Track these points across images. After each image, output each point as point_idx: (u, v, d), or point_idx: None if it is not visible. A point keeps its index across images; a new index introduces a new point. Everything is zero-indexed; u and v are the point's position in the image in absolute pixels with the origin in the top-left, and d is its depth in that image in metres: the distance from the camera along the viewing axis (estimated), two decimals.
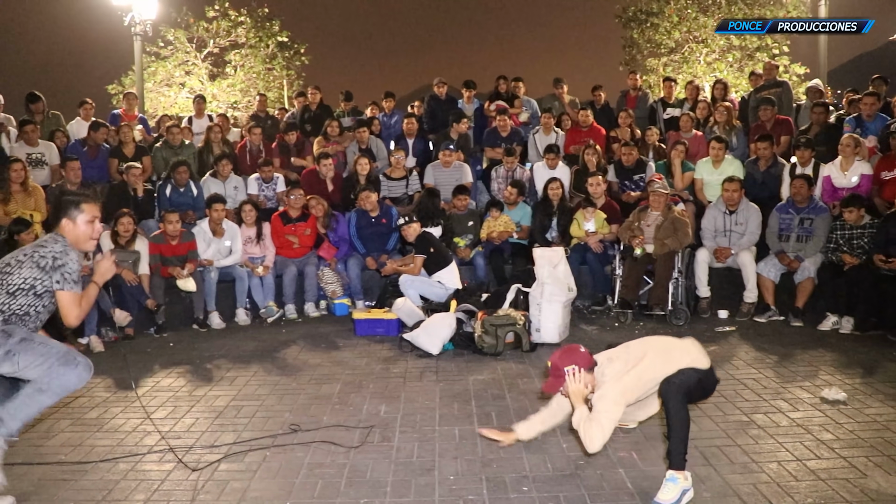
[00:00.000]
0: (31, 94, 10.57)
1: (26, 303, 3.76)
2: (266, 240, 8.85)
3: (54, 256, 3.73)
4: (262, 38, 22.70)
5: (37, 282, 3.74)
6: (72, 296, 3.74)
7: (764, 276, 7.76)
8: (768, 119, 9.88)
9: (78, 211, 3.86)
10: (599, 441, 3.75)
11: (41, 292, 3.76)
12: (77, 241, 3.89)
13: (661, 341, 4.21)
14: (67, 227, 3.87)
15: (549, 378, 4.05)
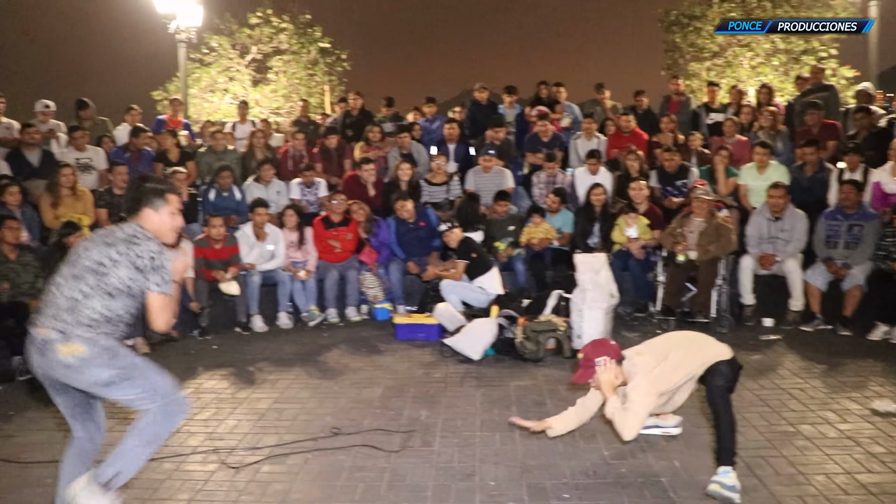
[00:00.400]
0: (80, 101, 10.79)
1: (123, 305, 3.42)
2: (308, 244, 8.92)
3: (152, 256, 3.40)
4: (304, 44, 22.91)
5: (133, 283, 3.39)
6: (165, 299, 3.44)
7: (811, 283, 7.61)
8: (815, 123, 9.70)
9: (163, 201, 3.56)
10: (635, 429, 3.88)
11: (136, 293, 3.43)
12: (159, 232, 3.57)
13: (682, 336, 4.43)
14: (151, 217, 3.54)
15: (580, 369, 4.18)
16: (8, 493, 4.18)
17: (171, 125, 11.40)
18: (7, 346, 6.75)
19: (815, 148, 8.75)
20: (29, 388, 6.13)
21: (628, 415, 3.86)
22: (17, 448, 4.88)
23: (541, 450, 4.54)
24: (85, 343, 3.30)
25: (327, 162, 10.84)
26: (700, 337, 4.32)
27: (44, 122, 10.29)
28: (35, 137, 9.44)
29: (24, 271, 7.23)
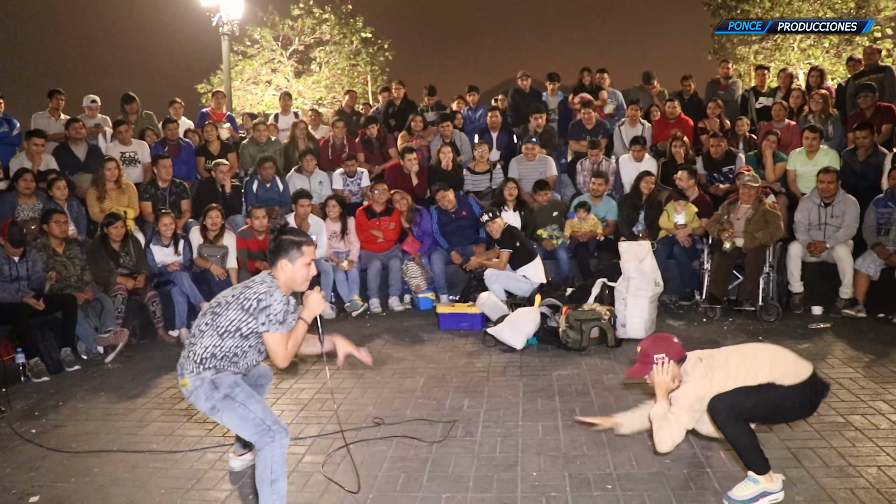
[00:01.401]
0: (126, 95, 10.96)
1: (234, 344, 3.62)
2: (351, 234, 8.95)
3: (259, 298, 3.57)
4: (347, 34, 23.01)
5: (242, 323, 3.58)
6: (277, 337, 3.56)
7: (862, 271, 7.42)
8: (868, 107, 9.43)
9: (299, 253, 3.72)
10: (668, 444, 3.70)
11: (247, 334, 3.61)
12: (293, 282, 3.75)
13: (752, 348, 4.00)
14: (286, 267, 3.70)
15: (636, 364, 3.93)
16: (56, 481, 4.25)
17: (214, 118, 11.52)
18: (55, 337, 6.88)
19: (868, 131, 8.51)
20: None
21: (665, 426, 3.68)
22: (65, 438, 4.97)
23: (584, 440, 4.49)
24: (190, 377, 3.61)
25: (369, 152, 10.86)
26: (776, 353, 3.83)
27: (91, 116, 10.46)
28: (81, 132, 9.60)
29: (71, 264, 7.37)
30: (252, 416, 3.50)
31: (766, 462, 3.59)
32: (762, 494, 3.55)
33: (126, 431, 5.02)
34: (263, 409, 3.54)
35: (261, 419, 3.49)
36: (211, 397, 3.55)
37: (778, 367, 3.68)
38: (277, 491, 3.44)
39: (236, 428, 3.59)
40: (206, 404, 3.57)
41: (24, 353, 6.52)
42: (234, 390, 3.57)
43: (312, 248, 3.82)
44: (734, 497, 3.57)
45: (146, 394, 5.80)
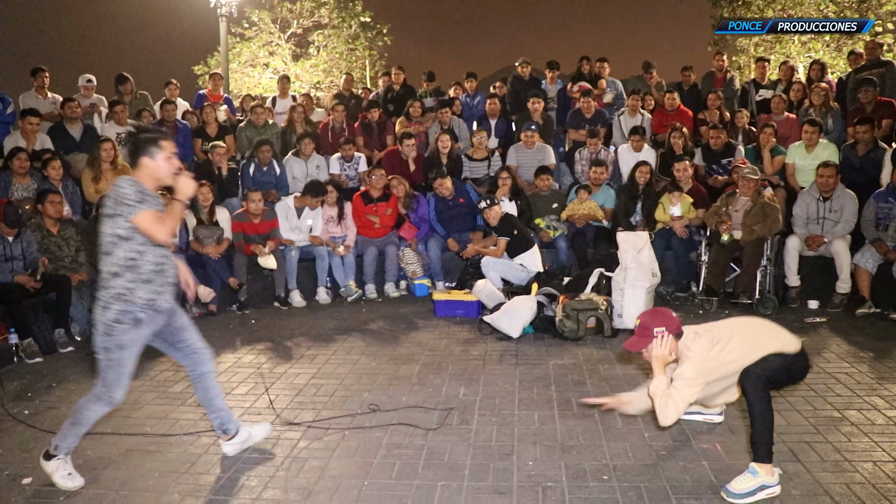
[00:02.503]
0: (120, 76, 10.86)
1: (123, 253, 3.70)
2: (347, 219, 8.92)
3: (113, 198, 3.68)
4: (345, 18, 22.89)
5: (116, 227, 3.69)
6: (144, 215, 3.63)
7: (861, 266, 7.41)
8: (869, 101, 9.40)
9: (157, 148, 3.78)
10: (672, 417, 3.71)
11: (125, 235, 3.69)
12: (158, 178, 3.81)
13: (749, 323, 4.08)
14: (148, 165, 3.79)
15: (634, 336, 3.96)
16: None
17: (211, 100, 11.44)
18: (49, 318, 6.84)
19: (868, 126, 8.49)
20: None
21: (669, 401, 3.70)
22: (59, 419, 4.91)
23: (580, 430, 4.48)
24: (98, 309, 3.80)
25: (368, 136, 10.81)
26: (769, 328, 3.95)
27: (86, 96, 10.38)
28: (76, 112, 9.53)
29: (65, 245, 7.33)
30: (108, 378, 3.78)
31: (771, 453, 3.61)
32: (760, 488, 3.55)
33: (120, 414, 4.97)
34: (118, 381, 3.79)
35: (110, 384, 3.78)
36: (102, 339, 3.74)
37: (778, 337, 3.81)
38: (74, 433, 3.90)
39: (100, 370, 3.81)
40: (98, 338, 3.76)
41: (17, 333, 6.49)
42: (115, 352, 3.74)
43: (171, 143, 3.87)
44: (733, 490, 3.56)
45: (140, 376, 5.76)
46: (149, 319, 3.79)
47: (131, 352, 3.79)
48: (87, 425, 3.92)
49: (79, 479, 3.91)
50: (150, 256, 3.78)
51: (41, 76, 10.13)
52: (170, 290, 3.92)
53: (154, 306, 3.80)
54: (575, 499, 3.62)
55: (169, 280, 3.90)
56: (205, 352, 4.16)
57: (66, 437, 3.90)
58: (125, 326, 3.72)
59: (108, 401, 3.83)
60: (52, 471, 3.89)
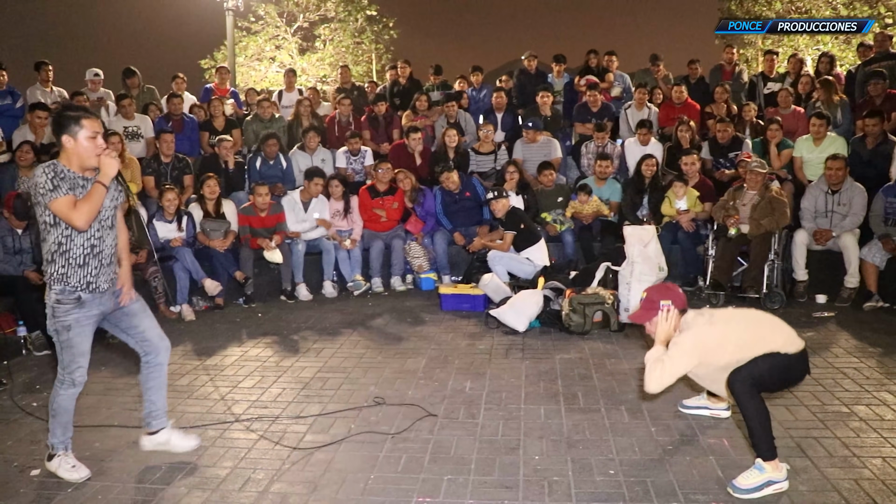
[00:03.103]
0: (127, 70, 10.89)
1: (54, 238, 3.70)
2: (354, 213, 8.92)
3: (32, 186, 3.64)
4: (351, 12, 22.86)
5: (44, 215, 3.66)
6: (60, 202, 3.57)
7: (868, 261, 7.38)
8: (878, 94, 9.34)
9: (78, 126, 3.67)
10: (657, 385, 3.73)
11: (52, 221, 3.67)
12: (80, 158, 3.70)
13: (754, 315, 4.04)
14: (68, 143, 3.68)
15: (640, 309, 3.97)
16: None
17: (218, 93, 11.45)
18: None
19: (878, 119, 8.43)
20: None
21: (659, 367, 3.70)
22: None
23: (586, 425, 4.47)
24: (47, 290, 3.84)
25: (374, 130, 10.80)
26: (773, 323, 3.92)
27: (93, 90, 10.40)
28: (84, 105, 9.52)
29: None
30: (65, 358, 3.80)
31: (774, 448, 3.58)
32: (767, 483, 3.53)
33: (127, 406, 5.00)
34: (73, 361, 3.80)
35: (66, 365, 3.80)
36: (50, 322, 3.77)
37: (781, 334, 3.79)
38: (59, 423, 3.90)
39: (56, 353, 3.84)
40: (48, 323, 3.79)
41: (25, 326, 6.51)
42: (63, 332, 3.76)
43: (95, 121, 3.77)
44: (739, 486, 3.55)
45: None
46: (91, 299, 3.81)
47: (79, 332, 3.79)
48: (65, 413, 3.90)
49: (84, 471, 3.92)
50: (80, 240, 3.75)
51: (45, 70, 10.16)
52: (107, 270, 3.89)
53: (91, 288, 3.80)
54: (581, 493, 3.62)
55: (104, 262, 3.86)
56: (159, 342, 4.13)
57: (54, 431, 3.92)
58: (68, 307, 3.74)
59: (70, 382, 3.83)
60: (56, 468, 3.92)
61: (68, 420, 3.94)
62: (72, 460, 3.94)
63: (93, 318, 3.85)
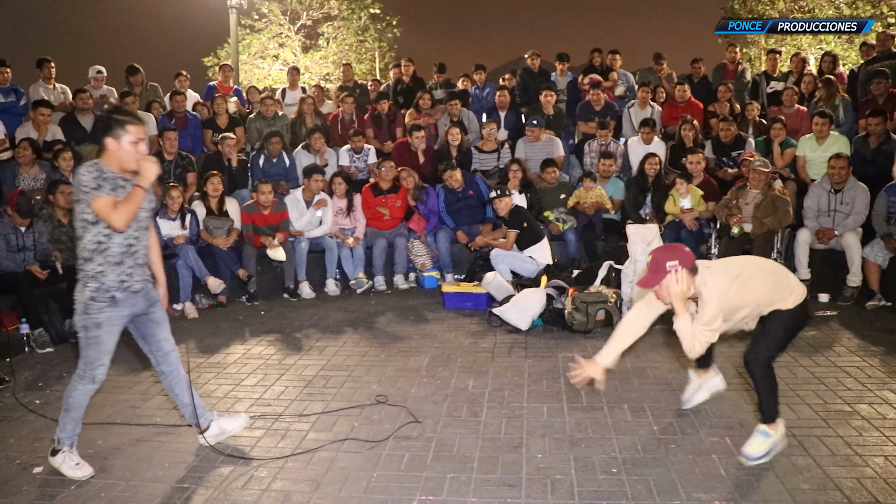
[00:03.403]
0: (131, 67, 10.89)
1: (91, 237, 3.78)
2: (357, 211, 8.92)
3: (75, 183, 3.74)
4: (355, 10, 22.83)
5: (84, 213, 3.74)
6: (101, 202, 3.66)
7: (870, 260, 7.37)
8: (881, 93, 9.33)
9: (123, 131, 3.76)
10: (700, 349, 3.77)
11: (92, 219, 3.75)
12: (121, 161, 3.79)
13: (760, 263, 4.09)
14: (111, 146, 3.78)
15: (647, 273, 3.83)
16: None
17: (221, 91, 11.45)
18: (60, 308, 6.87)
19: (880, 118, 8.42)
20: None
21: (696, 342, 3.72)
22: None
23: (589, 423, 4.48)
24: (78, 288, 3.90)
25: (378, 128, 10.80)
26: (779, 270, 4.02)
27: (96, 87, 10.41)
28: (88, 103, 9.56)
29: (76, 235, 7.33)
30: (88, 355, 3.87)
31: (777, 411, 3.82)
32: (772, 447, 3.76)
33: (130, 404, 5.02)
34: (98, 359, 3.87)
35: (89, 362, 3.86)
36: (80, 318, 3.83)
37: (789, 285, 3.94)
38: (70, 418, 3.95)
39: (80, 348, 3.90)
40: (76, 317, 3.86)
41: (28, 323, 6.53)
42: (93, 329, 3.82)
43: (140, 128, 3.85)
44: (751, 454, 3.74)
45: (150, 367, 5.76)
46: (125, 299, 3.87)
47: (109, 330, 3.85)
48: (79, 408, 3.96)
49: (87, 469, 3.94)
50: (119, 239, 3.83)
51: (47, 67, 10.18)
52: (141, 271, 3.97)
53: (125, 286, 3.86)
54: (584, 491, 3.62)
55: (139, 262, 3.95)
56: (171, 352, 4.18)
57: (64, 426, 3.96)
58: (101, 304, 3.80)
59: (91, 378, 3.89)
60: (60, 464, 3.94)
61: (79, 416, 3.98)
62: (76, 458, 3.96)
63: (123, 319, 3.91)
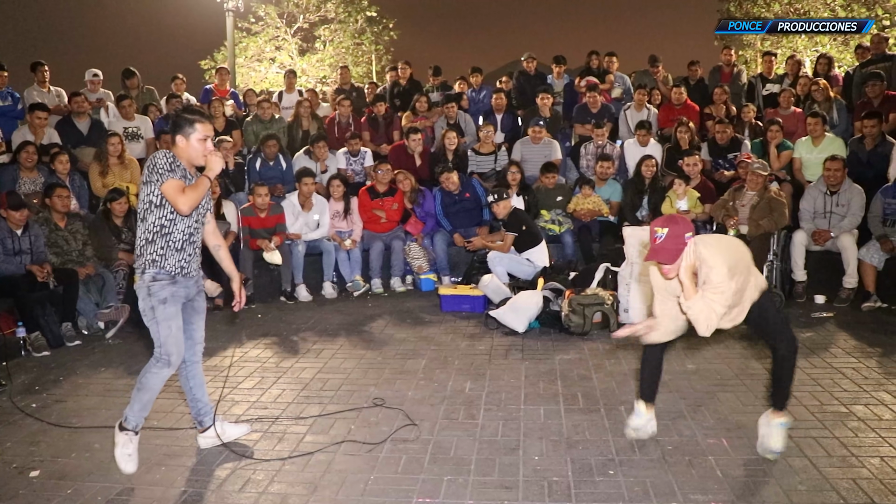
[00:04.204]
0: (127, 70, 10.89)
1: (155, 219, 3.89)
2: (353, 214, 8.92)
3: (148, 166, 3.85)
4: (351, 13, 22.87)
5: (150, 196, 3.86)
6: (170, 184, 3.80)
7: (866, 261, 7.38)
8: (876, 95, 9.36)
9: (192, 129, 3.93)
10: (716, 322, 3.67)
11: (158, 202, 3.87)
12: (189, 157, 3.97)
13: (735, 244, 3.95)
14: (181, 143, 3.96)
15: (667, 247, 3.58)
16: (57, 456, 4.25)
17: (218, 94, 11.46)
18: (56, 312, 6.86)
19: (876, 120, 8.45)
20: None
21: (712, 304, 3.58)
22: (66, 412, 4.97)
23: (586, 425, 4.48)
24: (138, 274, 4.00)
25: (374, 131, 10.81)
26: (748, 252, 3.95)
27: (93, 90, 10.41)
28: (84, 106, 9.56)
29: (72, 239, 7.35)
30: (160, 336, 3.95)
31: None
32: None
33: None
34: (170, 336, 3.95)
35: (162, 342, 3.94)
36: (145, 302, 3.94)
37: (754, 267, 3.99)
38: (139, 399, 4.00)
39: (152, 334, 3.98)
40: (141, 303, 3.96)
41: (25, 327, 6.51)
42: (159, 308, 3.92)
43: (208, 125, 4.03)
44: (777, 448, 3.88)
45: None
46: (182, 280, 4.01)
47: (175, 307, 3.98)
48: (150, 391, 4.02)
49: (133, 465, 4.00)
50: (182, 226, 3.97)
51: (41, 70, 10.17)
52: (197, 259, 4.13)
53: (184, 272, 4.00)
54: (581, 493, 3.62)
55: (197, 250, 4.11)
56: (199, 346, 4.30)
57: (132, 404, 4.04)
58: (163, 282, 3.93)
59: (166, 361, 3.97)
60: (118, 443, 4.02)
61: (151, 399, 4.06)
62: (133, 448, 4.03)
63: (181, 298, 4.03)
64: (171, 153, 3.90)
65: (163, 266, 3.91)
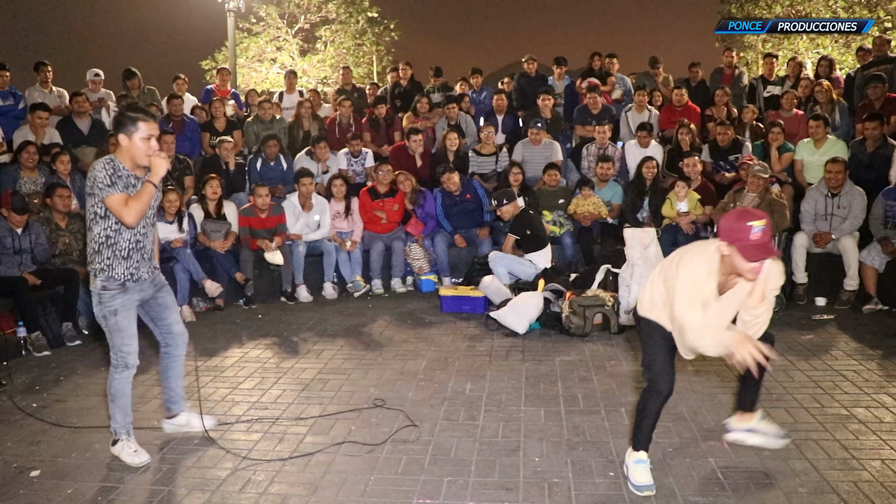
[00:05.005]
0: (128, 71, 10.90)
1: (100, 230, 3.90)
2: (354, 215, 8.92)
3: (90, 178, 3.83)
4: (353, 13, 22.88)
5: (95, 206, 3.85)
6: (114, 198, 3.79)
7: (867, 263, 7.38)
8: (878, 97, 9.35)
9: (135, 127, 3.88)
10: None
11: (103, 213, 3.87)
12: (133, 157, 3.92)
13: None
14: (124, 142, 3.91)
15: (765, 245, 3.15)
16: (57, 456, 4.25)
17: (219, 94, 11.46)
18: (57, 312, 6.87)
19: (877, 123, 8.45)
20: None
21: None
22: (66, 412, 4.97)
23: (586, 427, 4.48)
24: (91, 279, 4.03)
25: (375, 132, 10.81)
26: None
27: (94, 90, 10.42)
28: (85, 106, 9.56)
29: (73, 239, 7.35)
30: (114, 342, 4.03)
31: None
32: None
33: None
34: (123, 343, 4.02)
35: (117, 348, 4.03)
36: (98, 309, 4.00)
37: None
38: (117, 407, 4.11)
39: (107, 338, 4.06)
40: (94, 309, 4.03)
41: (25, 327, 6.52)
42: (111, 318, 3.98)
43: (153, 124, 3.97)
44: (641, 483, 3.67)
45: (147, 370, 5.75)
46: (133, 286, 4.06)
47: (125, 315, 4.02)
48: (123, 397, 4.11)
49: (144, 456, 4.09)
50: (127, 235, 3.97)
51: (44, 70, 10.18)
52: (147, 264, 4.13)
53: (134, 278, 4.03)
54: (581, 495, 3.62)
55: (146, 255, 4.10)
56: (180, 336, 4.43)
57: (114, 417, 4.13)
58: (113, 292, 3.96)
59: (124, 364, 4.06)
60: (119, 452, 4.09)
61: (127, 403, 4.13)
62: (133, 445, 4.11)
63: (135, 303, 4.09)
64: (110, 162, 3.87)
65: (111, 275, 3.95)
